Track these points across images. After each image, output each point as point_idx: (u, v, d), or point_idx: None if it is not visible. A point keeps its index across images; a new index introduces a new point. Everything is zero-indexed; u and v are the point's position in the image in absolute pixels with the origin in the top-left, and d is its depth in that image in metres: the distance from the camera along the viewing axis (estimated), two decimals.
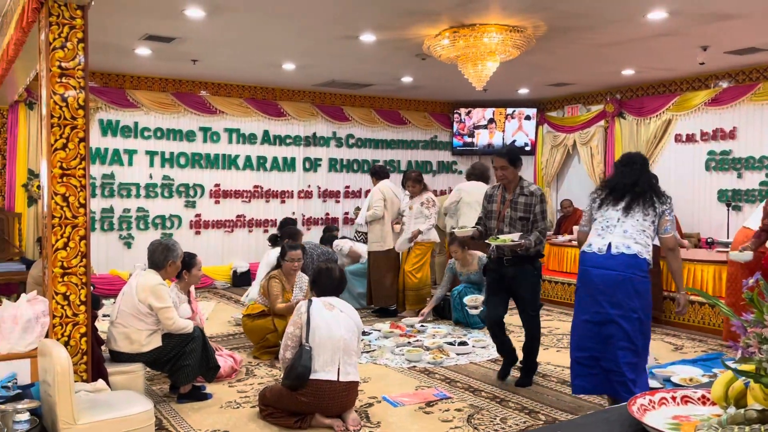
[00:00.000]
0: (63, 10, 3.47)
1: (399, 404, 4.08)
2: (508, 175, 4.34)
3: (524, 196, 4.35)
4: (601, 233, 3.75)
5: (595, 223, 3.84)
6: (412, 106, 10.76)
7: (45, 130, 3.53)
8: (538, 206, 4.33)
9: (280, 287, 5.13)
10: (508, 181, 4.37)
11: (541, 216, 4.34)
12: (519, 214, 4.33)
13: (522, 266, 4.34)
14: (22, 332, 3.34)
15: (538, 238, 4.29)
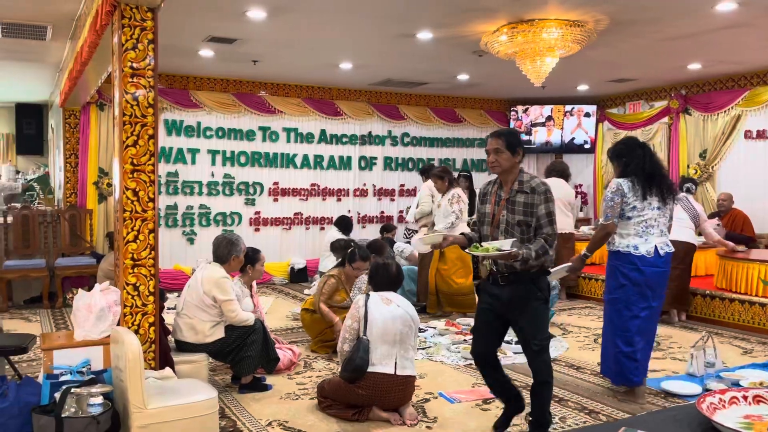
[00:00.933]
0: (134, 13, 3.62)
1: (455, 401, 4.08)
2: (502, 162, 3.30)
3: (524, 193, 3.28)
4: (644, 235, 4.03)
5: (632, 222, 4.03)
6: (468, 103, 10.69)
7: (117, 128, 3.69)
8: (542, 206, 3.26)
9: (335, 287, 5.20)
10: (501, 171, 3.34)
11: (547, 219, 3.26)
12: (517, 218, 3.28)
13: (521, 286, 3.29)
14: (96, 320, 3.51)
15: (542, 247, 3.21)
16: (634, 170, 4.05)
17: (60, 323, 6.51)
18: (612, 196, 4.04)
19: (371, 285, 4.05)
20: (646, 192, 4.00)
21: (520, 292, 3.30)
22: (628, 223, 4.03)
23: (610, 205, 4.04)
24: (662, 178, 4.07)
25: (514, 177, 3.35)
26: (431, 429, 3.63)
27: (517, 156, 3.35)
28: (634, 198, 4.00)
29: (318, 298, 5.17)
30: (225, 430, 3.57)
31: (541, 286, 3.33)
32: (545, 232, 3.26)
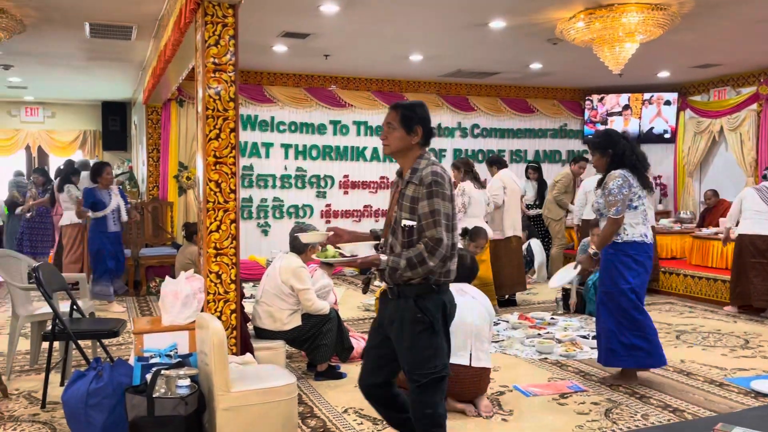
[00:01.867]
0: (217, 10, 3.74)
1: (531, 394, 4.02)
2: (392, 141, 2.67)
3: (413, 185, 2.62)
4: (645, 223, 4.11)
5: (639, 211, 4.06)
6: (541, 93, 10.46)
7: (200, 122, 3.83)
8: (425, 203, 2.56)
9: None
10: (392, 153, 2.71)
11: (431, 219, 2.55)
12: (404, 215, 2.62)
13: (403, 304, 2.64)
14: (182, 307, 3.66)
15: (418, 255, 2.53)
16: (630, 161, 4.10)
17: (144, 310, 6.84)
18: (620, 189, 4.01)
19: None
20: (642, 182, 4.11)
21: (401, 312, 2.63)
22: (636, 213, 4.07)
23: (620, 198, 4.00)
24: (647, 168, 4.24)
25: (409, 163, 2.68)
26: (507, 421, 3.59)
27: (414, 136, 2.65)
28: (638, 188, 4.07)
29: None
30: (302, 416, 3.65)
31: (425, 307, 2.60)
32: (426, 235, 2.55)
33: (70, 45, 7.03)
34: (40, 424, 3.57)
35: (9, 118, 11.73)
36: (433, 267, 2.55)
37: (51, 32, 6.42)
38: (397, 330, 2.65)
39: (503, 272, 6.65)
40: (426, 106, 2.76)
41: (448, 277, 2.68)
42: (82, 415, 3.28)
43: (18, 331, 4.43)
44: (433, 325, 2.62)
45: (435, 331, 2.62)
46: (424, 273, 2.56)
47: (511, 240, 6.70)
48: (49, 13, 5.75)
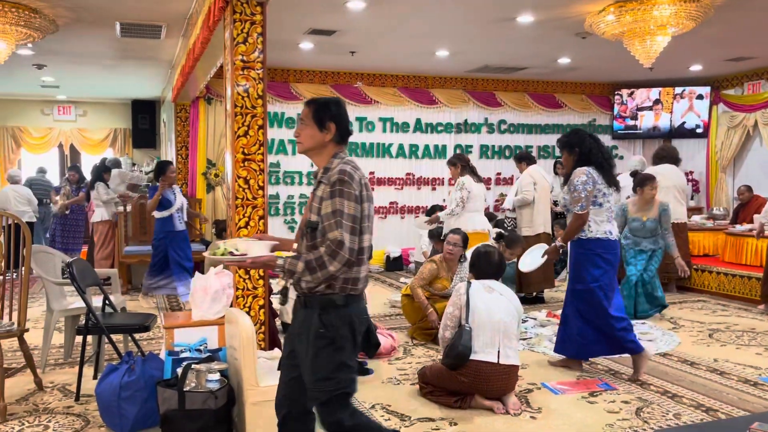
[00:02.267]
0: (245, 8, 3.77)
1: (560, 392, 3.98)
2: (304, 138, 2.52)
3: (323, 184, 2.45)
4: (611, 221, 4.23)
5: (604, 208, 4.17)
6: (569, 88, 10.33)
7: (229, 119, 3.87)
8: (328, 202, 2.38)
9: (435, 273, 5.19)
10: (305, 151, 2.55)
11: (333, 221, 2.36)
12: (312, 216, 2.46)
13: (307, 313, 2.47)
14: (212, 302, 3.70)
15: (318, 260, 2.33)
16: (597, 159, 4.21)
17: (174, 305, 6.94)
18: (584, 186, 4.14)
19: (473, 273, 4.02)
20: (608, 179, 4.22)
21: (307, 324, 2.45)
22: (600, 210, 4.19)
23: (584, 194, 4.13)
24: (613, 167, 4.35)
25: (323, 162, 2.52)
26: (535, 419, 3.56)
27: (327, 133, 2.49)
28: (603, 185, 4.19)
29: (415, 279, 5.20)
30: None
31: (329, 321, 2.40)
32: (329, 237, 2.34)
33: (101, 44, 7.15)
34: (74, 416, 3.65)
35: (42, 116, 11.99)
36: (334, 272, 2.34)
37: (83, 32, 6.53)
38: (302, 343, 2.47)
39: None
40: (342, 103, 2.55)
41: (356, 286, 2.44)
42: (115, 408, 3.34)
43: (52, 325, 4.53)
44: (335, 340, 2.41)
45: (339, 347, 2.41)
46: (324, 278, 2.35)
47: (540, 236, 6.64)
48: (80, 13, 5.86)
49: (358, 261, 2.42)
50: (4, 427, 3.48)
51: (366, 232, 2.45)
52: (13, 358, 4.69)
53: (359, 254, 2.42)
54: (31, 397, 3.97)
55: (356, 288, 2.46)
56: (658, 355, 4.79)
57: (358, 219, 2.40)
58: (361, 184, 2.44)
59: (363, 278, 2.48)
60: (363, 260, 2.46)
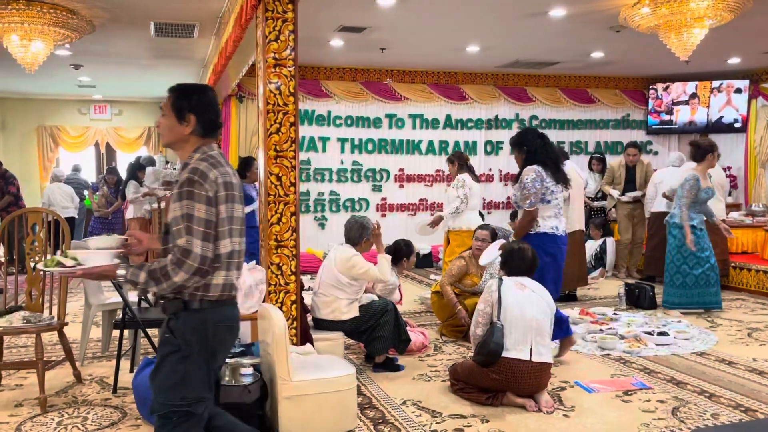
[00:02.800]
0: (277, 5, 3.80)
1: (593, 390, 3.93)
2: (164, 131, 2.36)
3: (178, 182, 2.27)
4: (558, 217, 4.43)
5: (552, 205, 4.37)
6: (602, 83, 10.17)
7: (261, 117, 3.90)
8: (177, 205, 2.20)
9: (464, 270, 5.17)
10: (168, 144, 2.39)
11: (183, 225, 2.17)
12: (168, 218, 2.27)
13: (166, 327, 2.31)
14: (245, 297, 3.75)
15: (162, 269, 2.16)
16: (543, 157, 4.39)
17: None
18: (533, 184, 4.34)
19: (505, 270, 3.98)
20: (556, 177, 4.41)
21: (162, 329, 2.32)
22: (548, 207, 4.41)
23: (533, 191, 4.34)
24: (561, 165, 4.56)
25: (185, 157, 2.33)
26: (569, 417, 3.52)
27: (186, 125, 2.30)
28: (551, 182, 4.38)
29: (444, 277, 5.18)
30: (362, 406, 3.68)
31: (176, 327, 2.23)
32: (177, 244, 2.16)
33: (136, 44, 7.29)
34: (111, 408, 3.73)
35: (79, 116, 12.27)
36: (181, 282, 2.15)
37: (118, 32, 6.66)
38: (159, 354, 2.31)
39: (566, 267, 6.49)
40: (207, 91, 2.35)
41: (207, 293, 2.24)
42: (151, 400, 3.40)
43: (90, 319, 4.64)
44: (181, 348, 2.21)
45: (184, 356, 2.21)
46: (170, 288, 2.17)
47: (575, 234, 6.56)
48: (116, 14, 5.97)
49: (213, 268, 2.22)
50: (44, 418, 3.58)
51: (226, 237, 2.23)
52: (53, 351, 4.82)
53: (215, 261, 2.21)
54: (70, 389, 4.07)
55: (208, 295, 2.24)
56: (695, 354, 4.69)
57: (213, 223, 2.19)
58: (218, 184, 2.20)
59: (223, 285, 2.27)
60: (221, 267, 2.25)
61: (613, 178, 7.91)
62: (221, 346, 2.34)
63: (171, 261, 2.15)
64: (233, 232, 2.27)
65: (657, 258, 7.49)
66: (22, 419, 3.56)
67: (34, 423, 3.51)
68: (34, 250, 4.12)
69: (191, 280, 2.17)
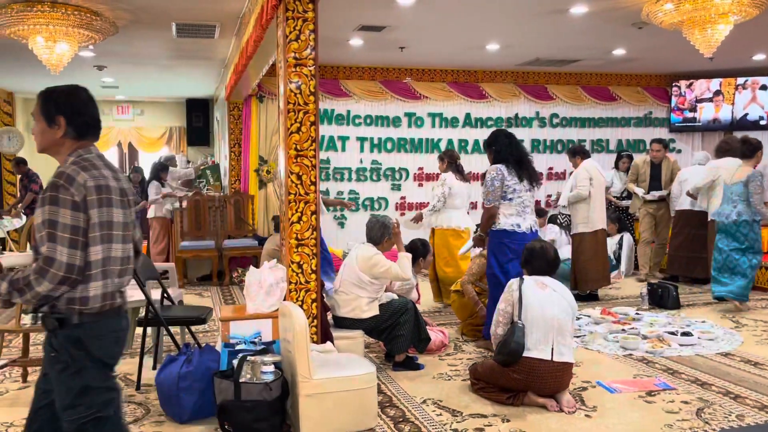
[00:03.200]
0: (297, 5, 3.81)
1: (616, 390, 3.89)
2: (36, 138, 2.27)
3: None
4: (522, 215, 4.57)
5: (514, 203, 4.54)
6: (624, 80, 10.05)
7: (282, 116, 3.92)
8: (39, 210, 2.09)
9: (483, 268, 5.14)
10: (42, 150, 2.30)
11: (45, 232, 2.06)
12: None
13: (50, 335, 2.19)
14: (266, 295, 3.78)
15: (24, 279, 2.06)
16: (506, 156, 4.58)
17: (228, 299, 7.10)
18: (493, 181, 4.54)
19: (526, 269, 3.96)
20: (521, 175, 4.56)
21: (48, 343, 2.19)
22: (510, 204, 4.57)
23: (491, 189, 4.55)
24: (529, 164, 4.67)
25: (62, 161, 2.22)
26: (590, 417, 3.50)
27: (57, 129, 2.20)
28: (513, 181, 4.54)
29: (466, 276, 5.17)
30: (382, 405, 3.69)
31: (57, 343, 2.13)
32: (40, 252, 2.05)
33: (157, 45, 7.36)
34: (135, 404, 3.78)
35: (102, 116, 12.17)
36: (45, 292, 2.04)
37: (141, 33, 6.73)
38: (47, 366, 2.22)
39: (588, 267, 6.46)
40: (79, 92, 2.26)
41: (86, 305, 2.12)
42: (174, 397, 3.45)
43: None
44: (69, 364, 2.13)
45: (77, 371, 2.13)
46: (35, 298, 2.06)
47: (597, 233, 6.50)
48: (139, 15, 6.04)
49: (85, 277, 2.10)
50: None
51: (98, 243, 2.11)
52: None
53: (85, 270, 2.09)
54: None
55: (87, 308, 2.12)
56: (720, 355, 4.62)
57: (81, 229, 2.07)
58: (87, 187, 2.09)
59: (102, 295, 2.15)
60: (95, 276, 2.13)
61: (637, 175, 7.74)
62: (110, 358, 2.26)
63: (34, 270, 2.04)
64: (111, 237, 2.16)
65: (681, 257, 7.40)
66: None
67: None
68: None
69: (58, 290, 2.06)
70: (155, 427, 3.43)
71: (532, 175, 4.64)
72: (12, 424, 3.49)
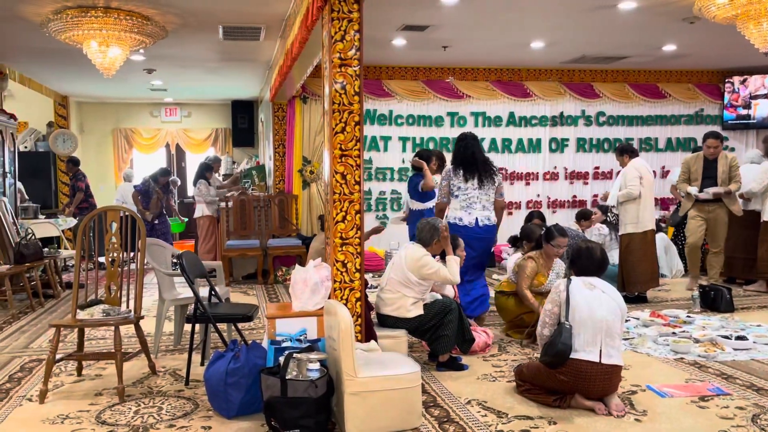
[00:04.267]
0: (342, 6, 3.84)
1: (667, 395, 3.79)
2: None
3: None
4: (467, 209, 5.15)
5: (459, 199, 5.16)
6: (674, 77, 9.78)
7: (327, 116, 3.96)
8: None
9: (535, 269, 5.08)
10: None
11: None
12: None
13: None
14: (311, 294, 3.81)
15: None
16: (454, 159, 5.25)
17: (272, 297, 7.19)
18: (441, 181, 5.29)
19: (573, 269, 3.89)
20: (467, 175, 5.14)
21: None
22: (456, 200, 5.21)
23: (440, 187, 5.30)
24: (482, 164, 5.19)
25: None
26: (640, 422, 3.41)
27: None
28: (458, 180, 5.16)
29: (519, 280, 5.10)
30: (426, 405, 3.68)
31: None
32: None
33: (204, 48, 7.52)
34: (184, 399, 3.87)
35: (151, 118, 12.78)
36: None
37: (188, 36, 6.89)
38: None
39: (638, 268, 6.31)
40: None
41: None
42: (222, 393, 3.51)
43: (164, 314, 4.83)
44: None
45: None
46: None
47: (647, 234, 6.34)
48: (187, 19, 6.18)
49: None
50: (122, 407, 3.74)
51: None
52: (128, 343, 5.02)
53: None
54: (145, 380, 4.24)
55: None
56: None
57: None
58: None
59: None
60: None
61: (689, 173, 6.97)
62: None
63: None
64: None
65: (736, 259, 7.14)
66: (101, 407, 3.74)
67: (113, 411, 3.68)
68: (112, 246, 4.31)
69: None
70: (204, 422, 3.50)
71: (482, 175, 5.15)
72: (68, 416, 3.62)
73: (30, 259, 6.54)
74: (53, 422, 3.54)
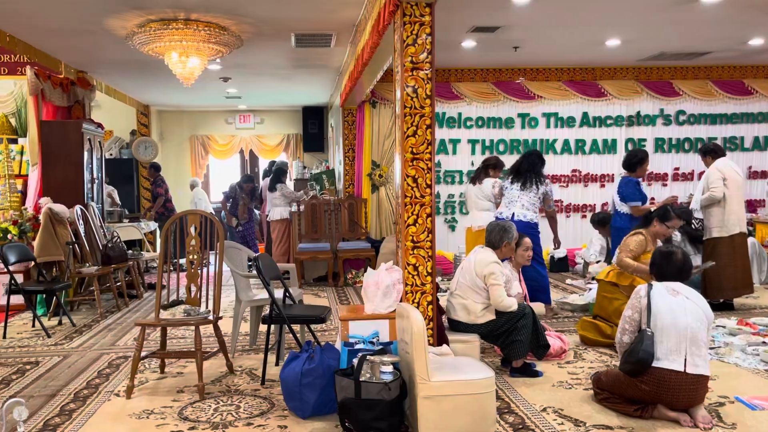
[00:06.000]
0: (414, 9, 3.85)
1: (758, 408, 3.58)
2: None
3: None
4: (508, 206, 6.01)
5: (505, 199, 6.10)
6: (761, 72, 9.24)
7: (399, 120, 3.97)
8: None
9: (642, 246, 4.93)
10: None
11: None
12: None
13: None
14: (383, 296, 3.83)
15: None
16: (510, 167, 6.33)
17: (343, 299, 7.28)
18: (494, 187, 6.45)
19: (653, 273, 3.74)
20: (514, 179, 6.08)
21: None
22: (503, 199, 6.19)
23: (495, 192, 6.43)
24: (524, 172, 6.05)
25: None
26: None
27: None
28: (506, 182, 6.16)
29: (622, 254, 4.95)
30: (500, 411, 3.62)
31: None
32: None
33: (277, 55, 7.71)
34: (260, 398, 3.96)
35: (226, 125, 13.22)
36: None
37: (262, 45, 7.08)
38: None
39: (724, 273, 5.99)
40: None
41: None
42: (297, 393, 3.58)
43: (240, 314, 4.97)
44: None
45: None
46: None
47: (734, 238, 6.02)
48: (261, 28, 6.35)
49: None
50: (203, 404, 3.87)
51: None
52: (206, 343, 5.20)
53: None
54: (223, 378, 4.38)
55: None
56: None
57: None
58: None
59: None
60: None
61: None
62: None
63: None
64: None
65: None
66: (183, 404, 3.88)
67: (194, 408, 3.81)
68: (193, 248, 4.48)
69: None
70: (280, 421, 3.58)
71: (527, 179, 5.99)
72: (152, 411, 3.78)
73: (116, 261, 6.89)
74: (139, 417, 3.70)
